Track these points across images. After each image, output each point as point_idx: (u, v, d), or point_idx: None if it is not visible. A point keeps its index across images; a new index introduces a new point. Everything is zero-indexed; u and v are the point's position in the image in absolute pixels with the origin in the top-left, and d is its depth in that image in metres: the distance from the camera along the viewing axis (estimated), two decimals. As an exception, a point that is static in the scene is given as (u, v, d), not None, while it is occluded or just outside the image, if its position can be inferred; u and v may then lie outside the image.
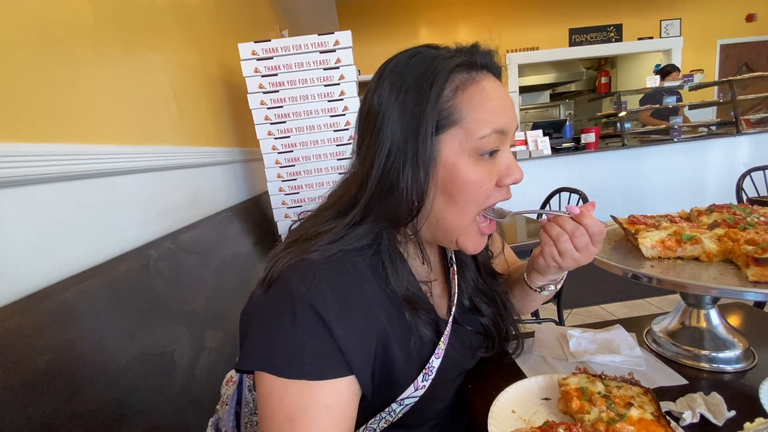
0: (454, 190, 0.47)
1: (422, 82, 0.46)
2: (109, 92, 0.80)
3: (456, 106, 0.46)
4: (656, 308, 2.48)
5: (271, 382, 0.43)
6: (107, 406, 0.55)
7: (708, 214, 0.77)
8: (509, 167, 0.49)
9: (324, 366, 0.43)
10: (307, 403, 0.42)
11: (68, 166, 0.63)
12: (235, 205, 1.47)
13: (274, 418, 0.43)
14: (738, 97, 3.56)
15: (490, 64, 0.50)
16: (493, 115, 0.47)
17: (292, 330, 0.44)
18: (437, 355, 0.52)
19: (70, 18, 0.70)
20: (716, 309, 0.67)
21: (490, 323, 0.62)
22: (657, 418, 0.48)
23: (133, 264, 0.72)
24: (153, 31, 1.04)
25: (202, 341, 0.85)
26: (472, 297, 0.62)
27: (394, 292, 0.50)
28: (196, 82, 1.31)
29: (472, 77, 0.48)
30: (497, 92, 0.48)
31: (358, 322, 0.45)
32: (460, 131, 0.47)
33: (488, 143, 0.47)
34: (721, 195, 3.52)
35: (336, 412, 0.43)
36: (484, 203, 0.50)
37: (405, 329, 0.51)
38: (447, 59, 0.47)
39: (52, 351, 0.49)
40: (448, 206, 0.49)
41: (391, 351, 0.49)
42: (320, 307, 0.43)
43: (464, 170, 0.47)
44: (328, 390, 0.43)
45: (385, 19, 4.78)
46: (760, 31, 5.18)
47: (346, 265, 0.47)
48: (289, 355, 0.43)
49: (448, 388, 0.61)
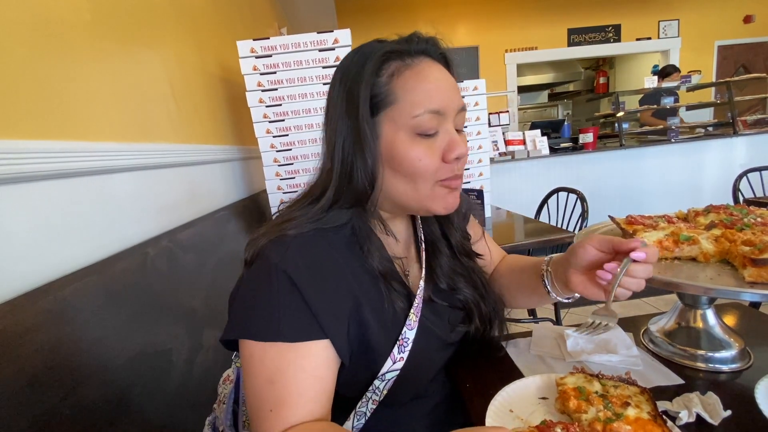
0: (396, 164, 0.52)
1: (358, 69, 0.51)
2: (106, 89, 0.79)
3: (392, 88, 0.50)
4: (653, 308, 2.49)
5: (251, 348, 0.47)
6: (104, 404, 0.54)
7: (705, 214, 0.77)
8: (451, 143, 0.52)
9: (299, 329, 0.47)
10: (285, 365, 0.46)
11: (65, 163, 0.63)
12: (233, 203, 1.46)
13: (256, 382, 0.46)
14: (735, 99, 3.58)
15: (429, 50, 0.54)
16: (427, 96, 0.50)
17: (269, 297, 0.48)
18: (409, 326, 0.55)
19: (67, 14, 0.70)
20: (713, 309, 0.67)
21: (469, 301, 0.64)
22: (654, 418, 0.48)
23: (130, 262, 0.72)
24: (151, 28, 1.03)
25: (199, 340, 0.85)
26: (448, 279, 0.63)
27: (369, 266, 0.54)
28: (194, 80, 1.30)
29: (407, 63, 0.51)
30: (433, 75, 0.52)
31: (330, 289, 0.49)
32: (395, 111, 0.50)
33: (423, 122, 0.50)
34: (718, 196, 3.53)
35: (312, 374, 0.46)
36: (435, 176, 0.53)
37: (379, 301, 0.54)
38: (382, 46, 0.52)
39: (48, 350, 0.48)
40: (397, 180, 0.53)
41: (365, 320, 0.52)
42: (293, 274, 0.47)
43: (401, 146, 0.51)
44: (303, 352, 0.46)
45: (384, 18, 4.78)
46: (757, 33, 5.20)
47: (320, 240, 0.52)
48: (266, 320, 0.47)
49: (433, 359, 0.62)
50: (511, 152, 3.44)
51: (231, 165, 1.52)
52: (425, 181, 0.52)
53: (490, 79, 4.01)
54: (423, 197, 0.53)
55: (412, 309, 0.56)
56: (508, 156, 3.43)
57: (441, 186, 0.54)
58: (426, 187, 0.53)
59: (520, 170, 3.44)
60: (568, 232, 1.46)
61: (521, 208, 2.27)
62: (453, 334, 0.63)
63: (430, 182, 0.53)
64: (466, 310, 0.65)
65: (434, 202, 0.54)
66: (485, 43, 4.93)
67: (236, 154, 1.57)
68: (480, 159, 1.81)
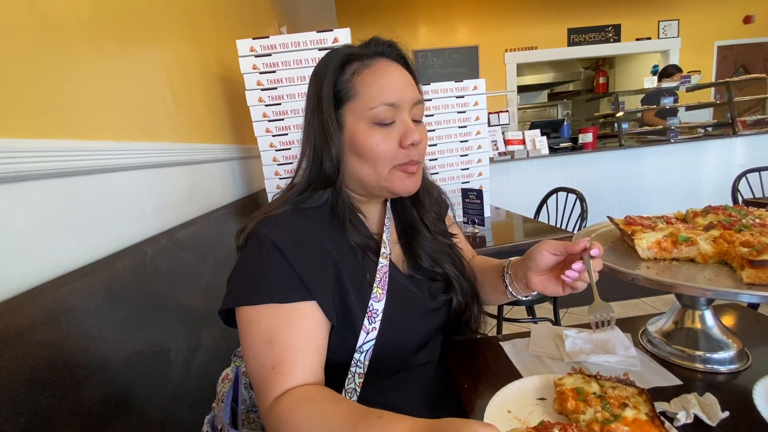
0: (358, 149, 0.59)
1: (324, 69, 0.60)
2: (105, 88, 0.79)
3: (353, 85, 0.59)
4: (652, 308, 2.50)
5: (248, 313, 0.53)
6: (103, 403, 0.54)
7: (704, 215, 0.77)
8: (407, 131, 0.59)
9: (288, 291, 0.53)
10: (280, 325, 0.52)
11: (64, 162, 0.63)
12: (233, 202, 1.46)
13: (255, 344, 0.52)
14: (734, 99, 3.58)
15: (386, 51, 0.61)
16: (382, 90, 0.58)
17: (260, 265, 0.54)
18: (375, 299, 0.60)
19: (66, 13, 0.70)
20: (711, 310, 0.67)
21: (450, 275, 0.70)
22: (651, 419, 0.48)
23: (129, 261, 0.72)
24: (150, 27, 1.03)
25: (198, 339, 0.85)
26: (429, 258, 0.69)
27: (347, 239, 0.61)
28: (194, 78, 1.30)
29: (366, 63, 0.59)
30: (389, 73, 0.59)
31: (314, 258, 0.56)
32: (356, 104, 0.58)
33: (380, 113, 0.58)
34: (717, 196, 3.54)
35: (306, 333, 0.53)
36: (393, 160, 0.60)
37: (357, 271, 0.60)
38: (343, 50, 0.60)
39: (47, 348, 0.48)
40: (360, 164, 0.60)
41: (344, 286, 0.58)
42: (279, 243, 0.54)
43: (360, 134, 0.58)
44: (295, 313, 0.53)
45: (385, 17, 4.77)
46: (757, 33, 5.20)
47: (303, 217, 0.59)
48: (257, 285, 0.53)
49: (414, 325, 0.65)
50: (511, 152, 3.44)
51: (230, 164, 1.52)
52: (384, 164, 0.59)
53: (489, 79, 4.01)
54: (383, 179, 0.60)
55: (375, 283, 0.61)
56: (508, 156, 3.43)
57: (399, 170, 0.60)
58: (385, 170, 0.60)
59: (519, 170, 3.44)
60: (567, 232, 1.46)
61: (520, 208, 2.27)
62: (433, 303, 0.68)
63: (388, 166, 0.60)
64: (447, 283, 0.70)
65: (394, 183, 0.61)
66: (485, 42, 4.92)
67: (235, 153, 1.57)
68: (480, 159, 1.81)
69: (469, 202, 1.65)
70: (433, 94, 1.70)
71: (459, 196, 1.76)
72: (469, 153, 1.80)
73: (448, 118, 1.74)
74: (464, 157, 1.79)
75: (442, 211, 0.79)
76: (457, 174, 1.80)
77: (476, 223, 1.63)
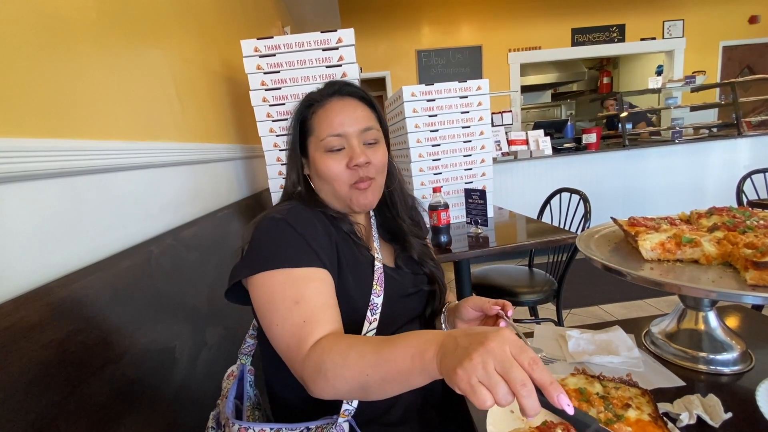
0: (319, 173, 0.70)
1: (296, 111, 0.74)
2: (110, 88, 0.80)
3: (312, 122, 0.72)
4: (655, 309, 2.49)
5: (270, 280, 0.57)
6: (110, 400, 0.55)
7: (708, 216, 0.77)
8: (351, 155, 0.69)
9: (303, 257, 0.59)
10: (302, 285, 0.57)
11: (69, 162, 0.63)
12: (237, 201, 1.47)
13: (282, 307, 0.56)
14: (739, 100, 3.56)
15: (340, 89, 0.73)
16: (330, 124, 0.69)
17: (274, 239, 0.61)
18: (375, 294, 0.67)
19: (72, 13, 0.70)
20: (714, 311, 0.67)
21: (433, 272, 0.79)
22: (654, 420, 0.48)
23: (134, 260, 0.72)
24: (155, 27, 1.04)
25: (203, 337, 0.86)
26: (419, 252, 0.79)
27: (339, 227, 0.70)
28: (199, 78, 1.31)
29: (321, 103, 0.72)
30: (338, 109, 0.70)
31: (321, 236, 0.64)
32: (314, 137, 0.71)
33: (329, 142, 0.69)
34: (722, 197, 3.52)
35: (325, 291, 0.59)
36: (347, 180, 0.69)
37: (351, 253, 0.69)
38: (308, 97, 0.74)
39: (54, 346, 0.49)
40: (324, 184, 0.71)
41: (342, 268, 0.66)
42: (293, 222, 0.62)
43: (318, 160, 0.70)
44: (312, 276, 0.59)
45: (388, 17, 4.77)
46: (762, 33, 5.17)
47: (303, 208, 0.67)
48: (274, 254, 0.59)
49: (398, 306, 0.72)
50: (514, 152, 3.43)
51: (234, 164, 1.53)
52: (340, 184, 0.70)
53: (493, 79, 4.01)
54: (344, 197, 0.71)
55: (374, 281, 0.69)
56: (511, 156, 3.42)
57: (354, 188, 0.70)
58: (344, 189, 0.70)
59: (522, 170, 3.43)
60: (570, 232, 1.46)
61: (524, 209, 2.27)
62: (412, 287, 0.75)
63: (345, 185, 0.70)
64: (429, 278, 0.79)
65: (353, 201, 0.71)
66: (488, 42, 4.91)
67: (239, 153, 1.57)
68: (483, 159, 1.81)
69: (472, 202, 1.65)
70: (437, 94, 1.70)
71: (462, 196, 1.76)
72: (473, 153, 1.79)
73: (452, 119, 1.74)
74: (467, 157, 1.79)
75: (419, 225, 0.86)
76: (460, 174, 1.80)
77: (479, 223, 1.63)
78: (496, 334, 0.39)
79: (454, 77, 4.83)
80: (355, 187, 0.70)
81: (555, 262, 1.84)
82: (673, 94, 4.17)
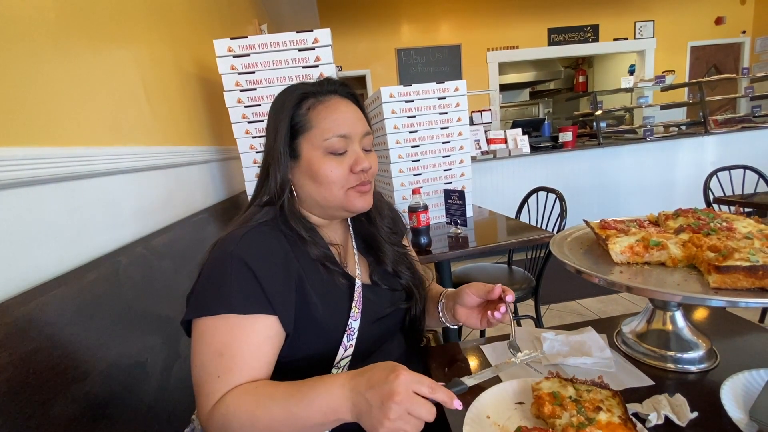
0: (314, 175, 0.65)
1: (281, 104, 0.66)
2: (73, 91, 0.76)
3: (308, 118, 0.65)
4: (629, 303, 2.57)
5: (204, 324, 0.54)
6: (77, 419, 0.53)
7: (674, 218, 0.79)
8: (356, 159, 0.66)
9: (249, 302, 0.55)
10: (233, 339, 0.53)
11: (29, 170, 0.60)
12: (212, 205, 1.43)
13: (205, 354, 0.53)
14: (706, 98, 3.70)
15: (339, 90, 0.68)
16: (335, 124, 0.64)
17: (222, 277, 0.56)
18: (353, 317, 0.64)
19: (29, 13, 0.67)
20: (681, 311, 0.69)
21: (409, 283, 0.76)
22: (624, 422, 0.50)
23: (101, 271, 0.69)
24: (122, 25, 1.00)
25: (176, 349, 0.83)
26: (393, 263, 0.75)
27: (311, 252, 0.64)
28: (169, 79, 1.27)
29: (320, 99, 0.66)
30: (341, 108, 0.66)
31: (277, 270, 0.58)
32: (312, 135, 0.64)
33: (333, 143, 0.64)
34: (691, 193, 3.66)
35: (257, 348, 0.54)
36: (345, 184, 0.66)
37: (320, 282, 0.63)
38: (299, 88, 0.67)
39: (16, 366, 0.46)
40: (316, 187, 0.66)
41: (308, 297, 0.61)
42: (246, 257, 0.56)
43: (316, 162, 0.64)
44: (250, 328, 0.54)
45: (368, 15, 4.74)
46: (728, 34, 5.39)
47: (263, 231, 0.62)
48: (218, 296, 0.55)
49: (374, 328, 0.68)
50: (493, 151, 3.48)
51: (209, 166, 1.49)
52: (338, 187, 0.65)
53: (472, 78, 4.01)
54: (339, 199, 0.66)
55: (353, 303, 0.65)
56: (490, 155, 3.47)
57: (353, 190, 0.67)
58: (340, 192, 0.66)
59: (501, 169, 3.48)
60: (546, 231, 1.49)
61: (502, 207, 2.30)
62: (388, 309, 0.72)
63: (342, 188, 0.66)
64: (407, 292, 0.76)
65: (350, 203, 0.67)
66: (467, 41, 4.95)
67: (214, 155, 1.53)
68: (462, 159, 1.83)
69: (451, 203, 1.66)
70: (415, 95, 1.70)
71: (442, 197, 1.77)
72: (452, 154, 1.81)
73: (430, 120, 1.74)
74: (447, 157, 1.80)
75: (397, 228, 0.84)
76: (439, 175, 1.81)
77: (459, 223, 1.64)
78: (398, 383, 0.43)
79: (434, 76, 4.85)
80: (354, 190, 0.67)
81: (533, 258, 1.88)
82: (644, 93, 4.31)
